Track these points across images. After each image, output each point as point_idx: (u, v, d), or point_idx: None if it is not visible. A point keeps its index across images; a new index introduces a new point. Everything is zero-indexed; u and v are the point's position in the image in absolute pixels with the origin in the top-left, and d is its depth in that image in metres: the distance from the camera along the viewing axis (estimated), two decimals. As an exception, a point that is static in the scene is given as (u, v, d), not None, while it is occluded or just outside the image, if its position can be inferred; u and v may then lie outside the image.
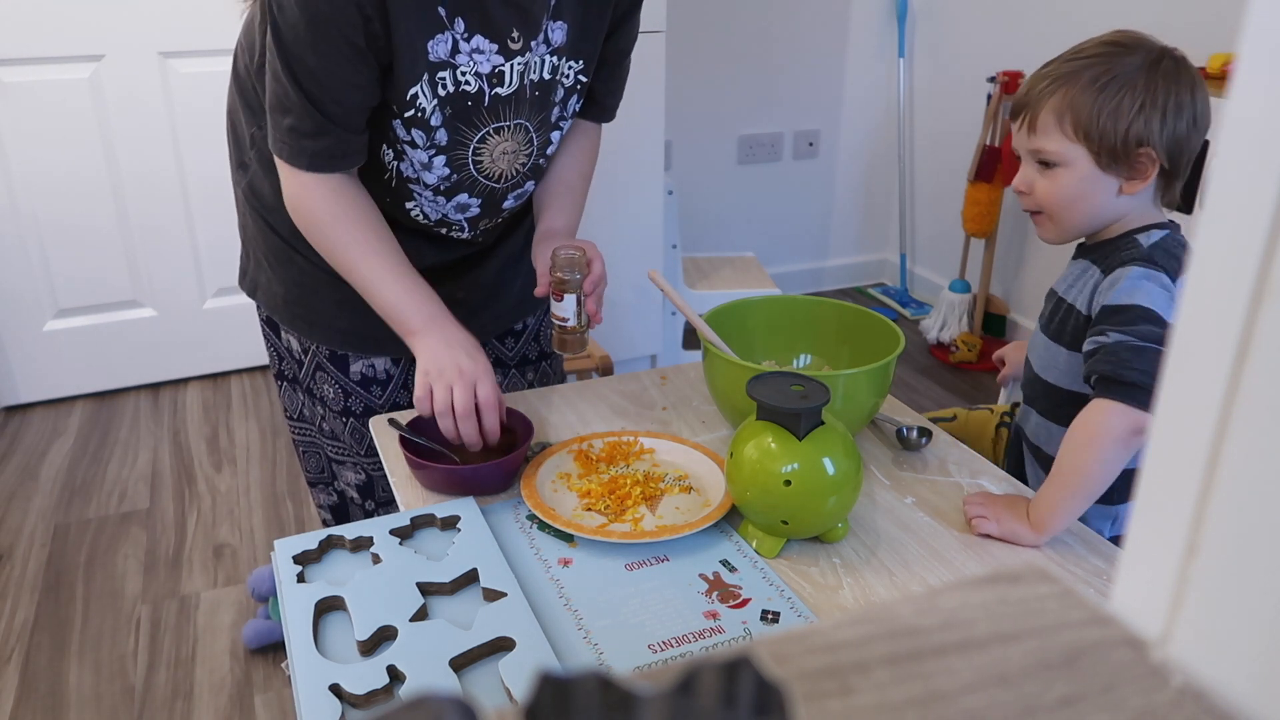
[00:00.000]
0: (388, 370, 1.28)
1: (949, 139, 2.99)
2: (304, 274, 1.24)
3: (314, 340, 1.27)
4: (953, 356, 2.83)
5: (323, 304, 1.24)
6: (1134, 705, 0.30)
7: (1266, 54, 0.26)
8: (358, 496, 1.37)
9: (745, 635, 0.84)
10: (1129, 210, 1.09)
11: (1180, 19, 2.19)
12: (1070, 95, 1.05)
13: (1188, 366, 0.30)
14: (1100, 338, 1.02)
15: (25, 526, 2.06)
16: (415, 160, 1.12)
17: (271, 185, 1.20)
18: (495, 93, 1.08)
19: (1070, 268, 1.16)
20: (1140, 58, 1.05)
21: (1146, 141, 1.04)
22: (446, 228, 1.22)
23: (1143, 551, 0.32)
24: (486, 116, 1.10)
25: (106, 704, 1.61)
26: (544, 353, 1.44)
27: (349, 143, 1.07)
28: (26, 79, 2.28)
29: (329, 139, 1.05)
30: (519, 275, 1.34)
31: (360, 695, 0.75)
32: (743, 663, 0.25)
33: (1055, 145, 1.07)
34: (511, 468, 1.03)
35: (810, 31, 3.03)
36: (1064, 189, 1.08)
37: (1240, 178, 0.27)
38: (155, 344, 2.61)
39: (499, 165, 1.15)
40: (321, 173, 1.08)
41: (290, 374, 1.34)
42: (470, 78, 1.06)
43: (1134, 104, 1.03)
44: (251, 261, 1.31)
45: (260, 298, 1.31)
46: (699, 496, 1.04)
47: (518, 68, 1.08)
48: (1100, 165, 1.06)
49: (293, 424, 1.40)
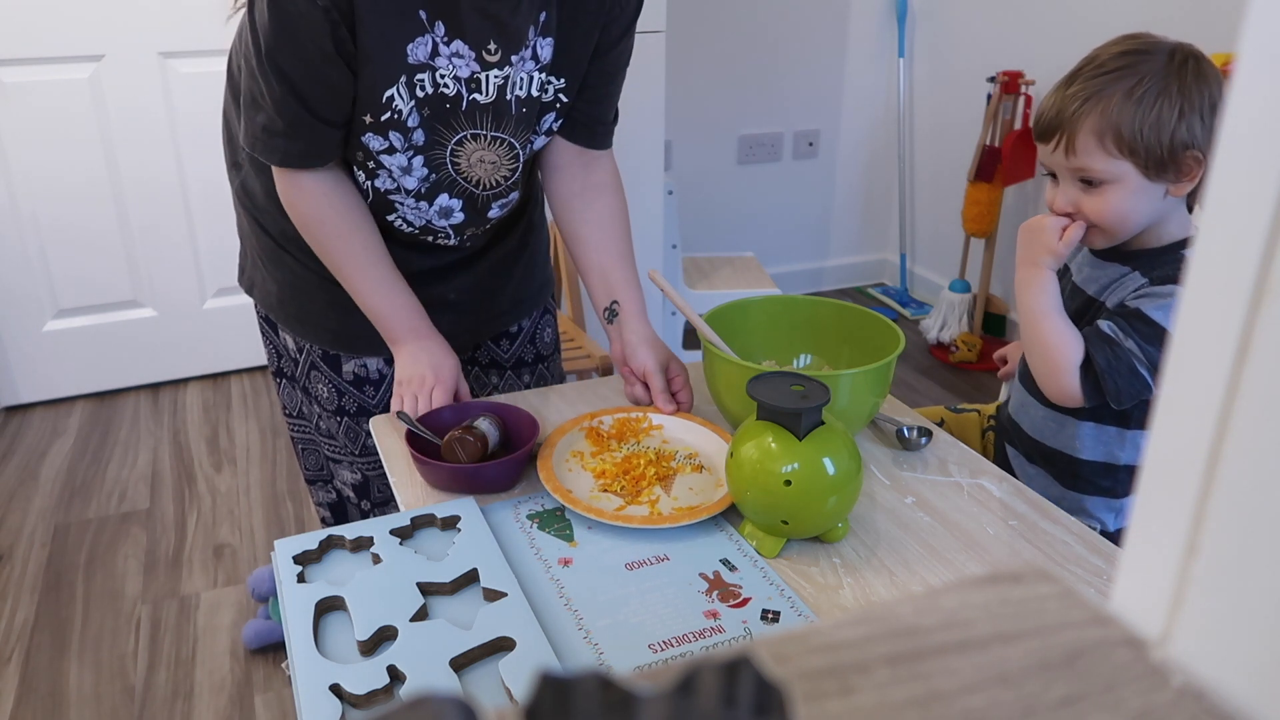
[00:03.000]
0: (380, 370, 1.28)
1: (949, 139, 3.00)
2: (294, 274, 1.24)
3: (307, 339, 1.28)
4: (953, 356, 2.83)
5: (314, 304, 1.25)
6: (1134, 705, 0.30)
7: (1266, 54, 0.26)
8: (354, 496, 1.37)
9: (745, 635, 0.84)
10: (1170, 210, 1.09)
11: (1180, 19, 2.19)
12: (1108, 113, 1.04)
13: (1188, 366, 0.30)
14: (1117, 333, 1.06)
15: (25, 526, 2.06)
16: (394, 167, 1.11)
17: (262, 185, 1.20)
18: (473, 98, 1.08)
19: (1104, 269, 1.15)
20: (1161, 61, 1.04)
21: (1192, 145, 1.04)
22: (432, 235, 1.21)
23: (1143, 551, 0.32)
24: (464, 121, 1.10)
25: (106, 704, 1.61)
26: (540, 355, 1.43)
27: (322, 142, 1.08)
28: (26, 79, 2.28)
29: (301, 140, 1.07)
30: (511, 279, 1.34)
31: (360, 695, 0.75)
32: (743, 663, 0.25)
33: (1101, 165, 1.06)
34: (516, 466, 1.04)
35: (810, 31, 3.03)
36: (1116, 205, 1.08)
37: (1240, 178, 0.27)
38: (155, 344, 2.61)
39: (476, 171, 1.15)
40: (295, 169, 1.10)
41: (288, 371, 1.35)
42: (449, 80, 1.06)
43: (1173, 111, 1.03)
44: (248, 260, 1.32)
45: (257, 295, 1.32)
46: (710, 475, 1.05)
47: (494, 79, 1.07)
48: (1148, 176, 1.06)
49: (291, 421, 1.41)
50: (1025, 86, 2.61)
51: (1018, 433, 1.26)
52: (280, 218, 1.19)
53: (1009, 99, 2.63)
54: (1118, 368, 1.05)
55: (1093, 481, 1.19)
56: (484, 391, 1.40)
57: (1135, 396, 1.07)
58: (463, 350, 1.35)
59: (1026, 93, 2.62)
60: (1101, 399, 1.08)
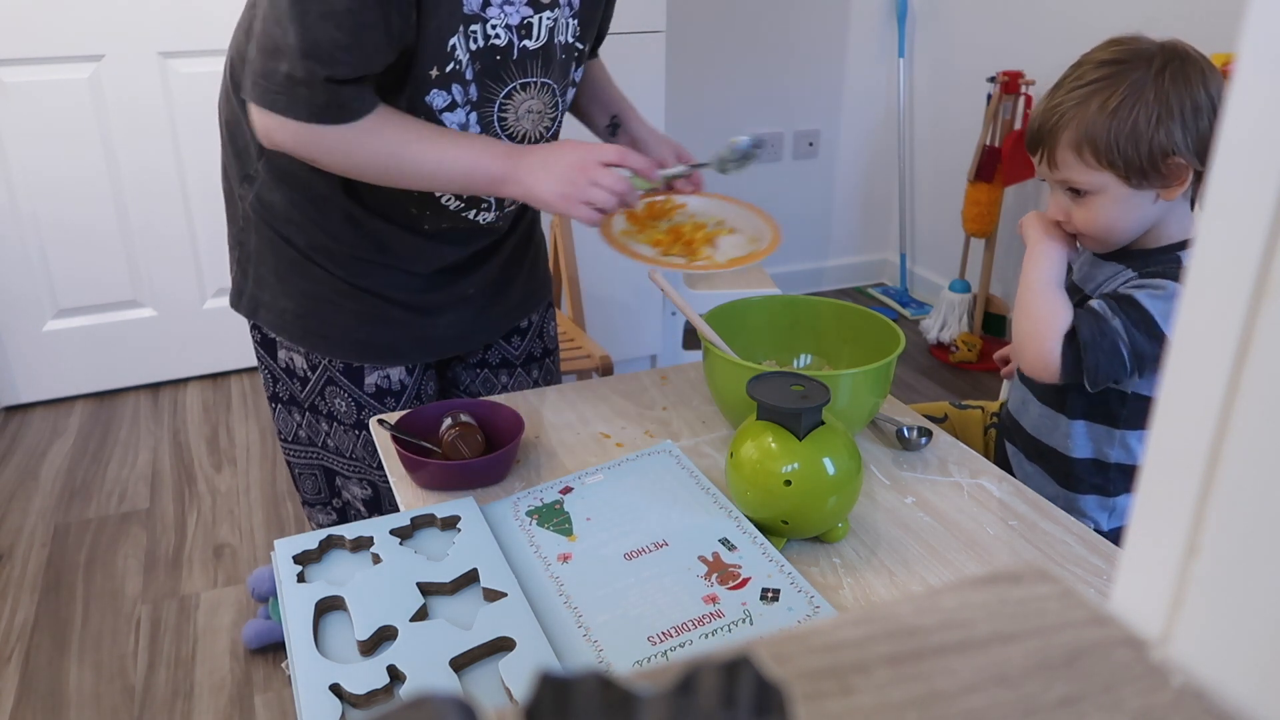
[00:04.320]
0: (402, 380, 1.27)
1: (949, 139, 2.99)
2: (321, 286, 1.20)
3: (328, 354, 1.24)
4: (953, 356, 2.83)
5: (340, 316, 1.22)
6: (1134, 705, 0.30)
7: (1266, 54, 0.26)
8: (364, 510, 1.36)
9: (745, 618, 0.84)
10: (1168, 213, 1.09)
11: (1180, 18, 2.19)
12: (1083, 126, 1.05)
13: (1188, 366, 0.30)
14: (1106, 311, 1.07)
15: (25, 526, 2.06)
16: (454, 125, 1.08)
17: (284, 195, 1.16)
18: (524, 45, 1.07)
19: (1101, 268, 1.16)
20: (1142, 68, 1.04)
21: (1172, 151, 1.03)
22: (476, 208, 1.20)
23: (1143, 551, 0.32)
24: (515, 71, 1.08)
25: (106, 704, 1.61)
26: (547, 349, 1.45)
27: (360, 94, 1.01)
28: (26, 79, 2.28)
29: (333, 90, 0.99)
30: (521, 271, 1.35)
31: (360, 695, 0.75)
32: (743, 663, 0.25)
33: (1081, 176, 1.07)
34: (502, 462, 1.05)
35: (810, 31, 3.03)
36: (1101, 215, 1.09)
37: (1240, 178, 0.27)
38: (155, 344, 2.61)
39: (524, 124, 1.14)
40: (326, 124, 1.01)
41: (286, 395, 1.30)
42: (500, 30, 1.04)
43: (1149, 119, 1.02)
44: (250, 281, 1.25)
45: (263, 317, 1.25)
46: (743, 236, 1.19)
47: (546, 22, 1.07)
48: (1131, 185, 1.06)
49: (288, 446, 1.36)
50: (1025, 86, 2.61)
51: (1017, 430, 1.26)
52: (309, 227, 1.16)
53: (1009, 99, 2.63)
54: (1101, 344, 1.05)
55: (1085, 479, 1.19)
56: (492, 393, 1.40)
57: (1110, 377, 1.07)
58: (476, 348, 1.36)
59: (1026, 93, 2.62)
60: (1078, 376, 1.07)
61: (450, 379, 1.40)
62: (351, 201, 1.16)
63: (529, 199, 1.07)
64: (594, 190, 1.03)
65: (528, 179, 1.05)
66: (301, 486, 1.41)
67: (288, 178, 1.15)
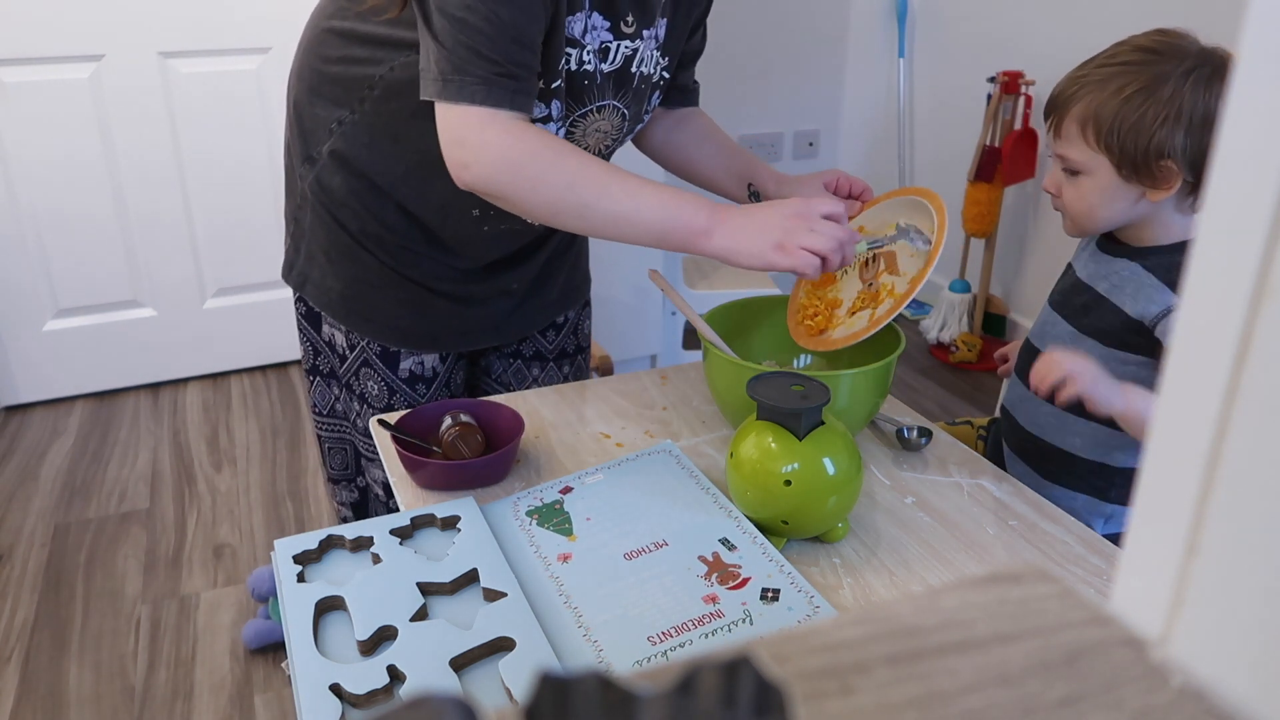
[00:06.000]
0: (434, 367, 1.30)
1: (949, 139, 2.99)
2: (370, 272, 1.23)
3: (368, 336, 1.27)
4: (953, 357, 2.83)
5: (384, 301, 1.25)
6: (1134, 705, 0.30)
7: (1266, 54, 0.26)
8: (382, 494, 1.39)
9: (745, 618, 0.84)
10: (1154, 213, 1.09)
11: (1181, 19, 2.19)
12: (1095, 104, 1.05)
13: (1188, 366, 0.30)
14: None
15: (25, 526, 2.06)
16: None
17: (343, 180, 1.18)
18: (600, 68, 1.09)
19: (1107, 264, 1.15)
20: (1172, 65, 1.03)
21: (1168, 155, 1.03)
22: None
23: (1143, 551, 0.32)
24: (595, 94, 1.11)
25: (106, 704, 1.61)
26: (580, 346, 1.47)
27: (531, 84, 1.02)
28: (26, 79, 2.28)
29: (512, 81, 0.99)
30: (563, 269, 1.37)
31: (360, 695, 0.75)
32: (743, 663, 0.25)
33: (1078, 154, 1.08)
34: (502, 462, 1.05)
35: (810, 31, 3.03)
36: (1086, 196, 1.09)
37: (1240, 178, 0.27)
38: (155, 344, 2.61)
39: (588, 141, 1.16)
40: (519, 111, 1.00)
41: (326, 369, 1.34)
42: (590, 56, 1.08)
43: (1158, 117, 1.02)
44: (302, 256, 1.28)
45: (310, 292, 1.28)
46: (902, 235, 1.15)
47: (624, 50, 1.10)
48: (1122, 175, 1.06)
49: (320, 419, 1.40)
50: (1025, 86, 2.61)
51: (1011, 426, 1.26)
52: (364, 214, 1.19)
53: (1009, 99, 2.63)
54: None
55: (1085, 479, 1.19)
56: (523, 384, 1.43)
57: None
58: (512, 340, 1.38)
59: (1026, 93, 2.62)
60: None
61: (483, 367, 1.42)
62: (409, 194, 1.18)
63: (730, 254, 1.01)
64: (813, 237, 0.99)
65: (735, 234, 1.01)
66: (330, 461, 1.44)
67: (349, 165, 1.17)
